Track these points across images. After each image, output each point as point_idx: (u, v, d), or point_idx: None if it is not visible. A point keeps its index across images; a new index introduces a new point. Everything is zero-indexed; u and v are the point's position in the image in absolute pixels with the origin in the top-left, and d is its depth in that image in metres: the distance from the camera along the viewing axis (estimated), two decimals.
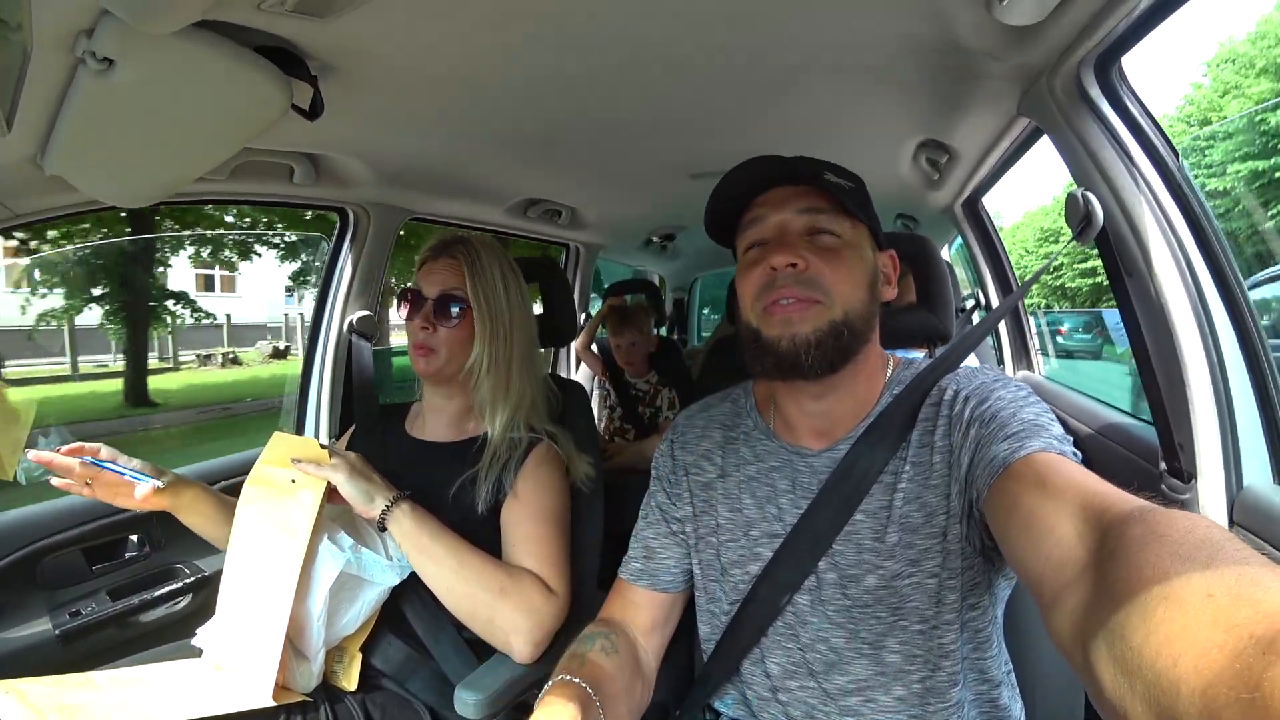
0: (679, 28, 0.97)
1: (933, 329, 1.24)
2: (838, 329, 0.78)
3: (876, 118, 1.47)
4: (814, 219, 0.81)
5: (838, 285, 0.78)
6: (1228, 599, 0.37)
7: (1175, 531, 0.44)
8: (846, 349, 0.79)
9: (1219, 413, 0.94)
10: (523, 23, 0.92)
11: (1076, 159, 1.04)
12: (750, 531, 0.88)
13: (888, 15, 0.96)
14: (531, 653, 1.04)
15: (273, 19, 0.81)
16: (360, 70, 1.02)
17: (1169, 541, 0.43)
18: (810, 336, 0.77)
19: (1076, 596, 0.49)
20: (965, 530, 0.76)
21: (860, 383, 0.85)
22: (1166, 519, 0.47)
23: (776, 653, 0.85)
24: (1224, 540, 0.42)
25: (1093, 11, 0.83)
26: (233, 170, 1.37)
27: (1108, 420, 1.50)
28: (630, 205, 2.37)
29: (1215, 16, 16.19)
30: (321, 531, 1.03)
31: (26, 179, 1.10)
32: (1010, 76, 1.08)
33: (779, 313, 0.78)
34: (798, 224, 0.81)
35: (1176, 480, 0.98)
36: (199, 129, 1.00)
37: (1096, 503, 0.55)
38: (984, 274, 2.36)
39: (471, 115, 1.29)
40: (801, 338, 0.77)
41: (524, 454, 1.17)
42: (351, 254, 1.78)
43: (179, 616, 1.47)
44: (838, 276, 0.78)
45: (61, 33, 0.74)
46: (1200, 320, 0.95)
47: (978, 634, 0.80)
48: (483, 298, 1.17)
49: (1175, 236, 0.96)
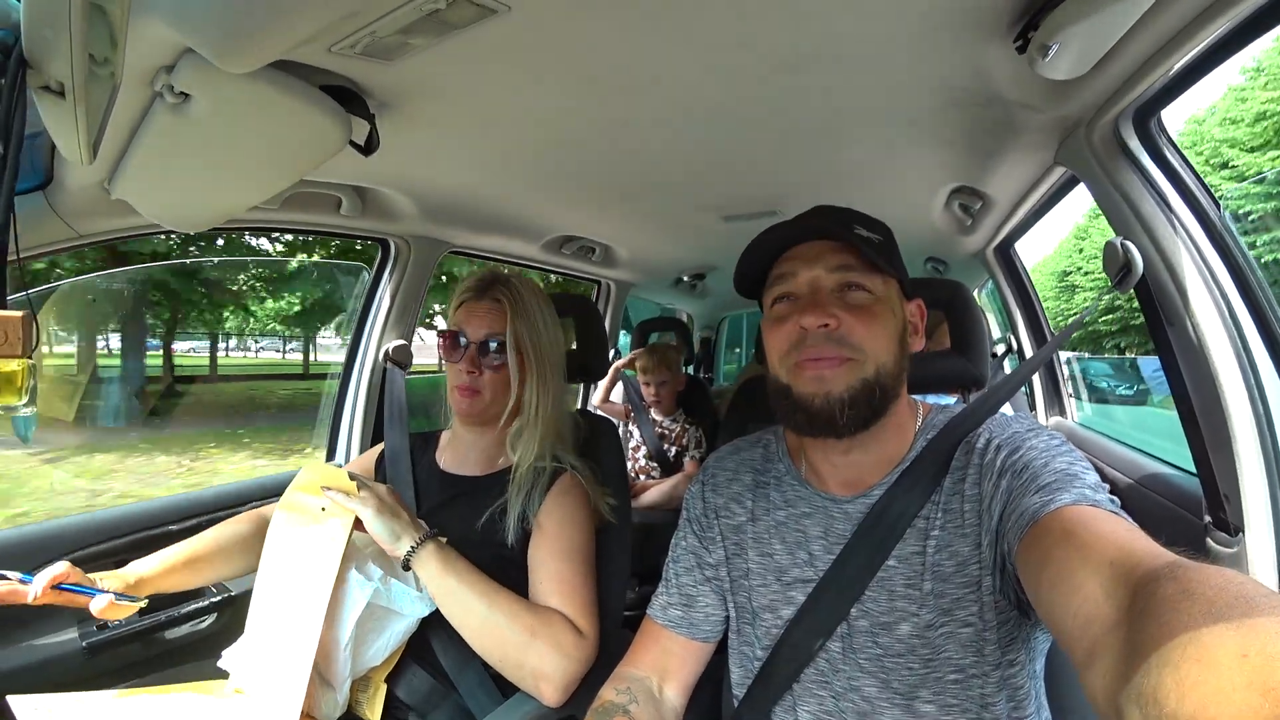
0: (720, 76, 1.00)
1: (967, 375, 1.24)
2: (870, 387, 0.78)
3: (912, 165, 1.49)
4: (846, 275, 0.80)
5: (869, 342, 0.78)
6: (1262, 660, 0.35)
7: (1208, 589, 0.43)
8: (879, 407, 0.79)
9: (1266, 464, 0.92)
10: (568, 68, 0.96)
11: (1115, 208, 1.04)
12: (782, 577, 0.87)
13: (928, 68, 0.98)
14: (560, 698, 1.02)
15: (342, 60, 0.86)
16: (414, 109, 1.06)
17: (1201, 600, 0.42)
18: (845, 396, 0.77)
19: (1108, 656, 0.47)
20: (999, 583, 0.74)
21: (889, 435, 0.84)
22: (1200, 575, 0.45)
23: (809, 700, 0.84)
24: (1259, 596, 0.41)
25: (1134, 67, 0.85)
26: (284, 200, 1.42)
27: (1148, 470, 1.47)
28: (663, 245, 2.40)
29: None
30: (350, 561, 1.03)
31: (93, 203, 1.16)
32: (1049, 127, 1.10)
33: (811, 369, 0.78)
34: (829, 281, 0.81)
35: (1223, 533, 0.96)
36: (260, 160, 1.05)
37: (1127, 558, 0.53)
38: (1016, 319, 2.34)
39: (514, 154, 1.34)
40: (836, 397, 0.77)
41: (548, 483, 1.17)
42: (390, 284, 1.83)
43: (204, 635, 1.47)
44: (870, 333, 0.78)
45: (146, 67, 0.79)
46: (1244, 368, 0.94)
47: (1016, 690, 0.77)
48: (527, 341, 1.19)
49: (1217, 285, 0.96)
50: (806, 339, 0.78)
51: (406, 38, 0.81)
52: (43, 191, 1.13)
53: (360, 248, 6.63)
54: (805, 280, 0.81)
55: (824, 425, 0.78)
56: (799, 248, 0.83)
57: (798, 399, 0.79)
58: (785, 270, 0.83)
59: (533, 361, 1.19)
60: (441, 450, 1.32)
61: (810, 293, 0.81)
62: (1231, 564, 0.95)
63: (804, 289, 0.81)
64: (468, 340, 1.19)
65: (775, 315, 0.84)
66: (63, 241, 1.20)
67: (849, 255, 0.80)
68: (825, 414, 0.77)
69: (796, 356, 0.79)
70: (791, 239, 0.84)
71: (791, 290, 0.82)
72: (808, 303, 0.80)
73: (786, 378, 0.81)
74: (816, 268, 0.81)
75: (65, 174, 1.09)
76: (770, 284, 0.86)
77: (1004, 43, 0.85)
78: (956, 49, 0.91)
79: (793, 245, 0.84)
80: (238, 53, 0.69)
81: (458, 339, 1.20)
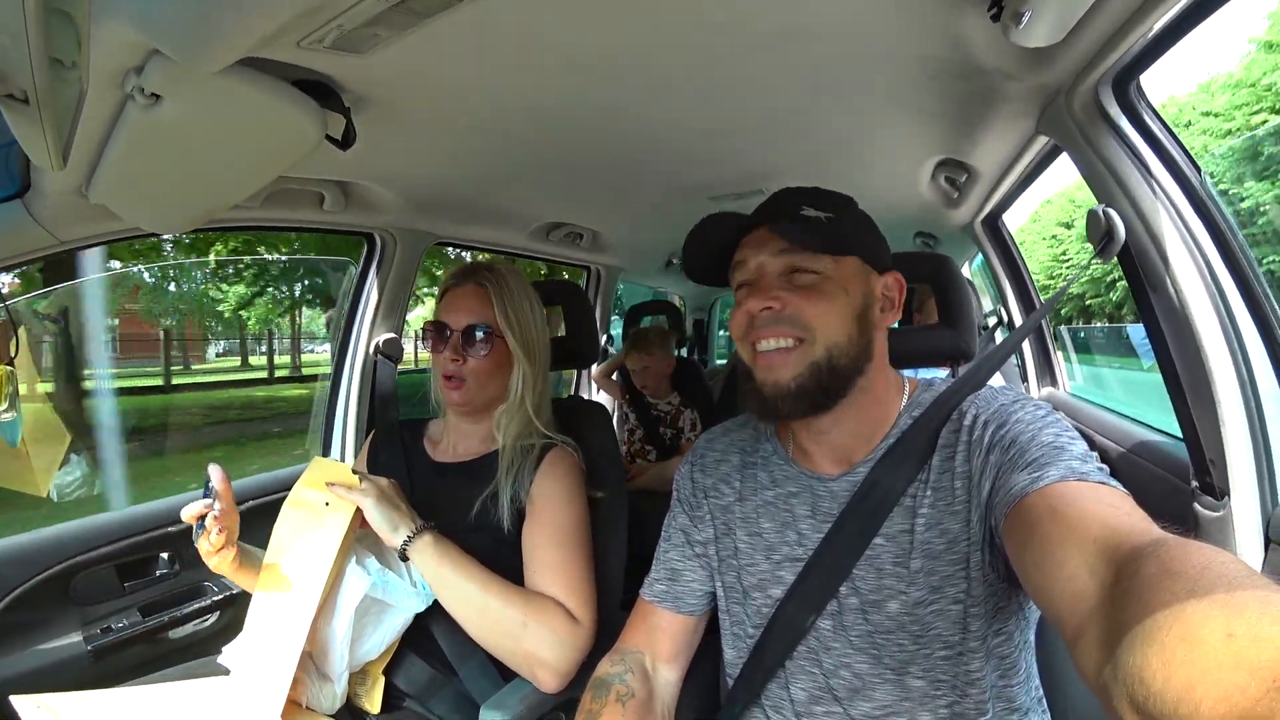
0: (698, 56, 0.99)
1: (955, 348, 1.24)
2: (818, 370, 0.79)
3: (895, 139, 1.48)
4: (790, 259, 0.81)
5: (818, 320, 0.79)
6: (1248, 639, 0.36)
7: (1190, 568, 0.43)
8: (831, 388, 0.80)
9: (1250, 427, 0.93)
10: (547, 56, 0.95)
11: (1097, 176, 1.04)
12: (771, 555, 0.88)
13: (904, 40, 0.97)
14: (558, 684, 1.03)
15: (312, 55, 0.84)
16: (391, 101, 1.05)
17: (1184, 579, 0.42)
18: (790, 384, 0.79)
19: (1093, 635, 0.48)
20: (988, 557, 0.75)
21: (869, 409, 0.85)
22: (1182, 553, 0.45)
23: (801, 677, 0.85)
24: (1242, 575, 0.41)
25: (1109, 33, 0.84)
26: (266, 197, 1.41)
27: (1138, 438, 1.48)
28: (651, 228, 2.39)
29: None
30: (350, 555, 1.04)
31: (72, 208, 1.15)
32: (1029, 96, 1.09)
33: (761, 360, 0.81)
34: (775, 265, 0.82)
35: (1209, 497, 0.97)
36: (237, 159, 1.04)
37: (1111, 535, 0.54)
38: (1006, 291, 2.35)
39: (497, 143, 1.33)
40: (782, 384, 0.79)
41: (538, 459, 1.18)
42: (378, 278, 1.83)
43: (207, 634, 1.49)
44: (818, 311, 0.79)
45: (113, 70, 0.77)
46: (1227, 333, 0.94)
47: (1004, 660, 0.79)
48: (515, 325, 1.19)
49: (1199, 250, 0.96)
50: (755, 322, 0.81)
51: (375, 29, 0.80)
52: (20, 200, 1.12)
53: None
54: (754, 266, 0.84)
55: (771, 410, 0.82)
56: (751, 235, 0.85)
57: (756, 385, 0.82)
58: (739, 258, 0.86)
59: (520, 344, 1.19)
60: (432, 440, 1.33)
61: (758, 277, 0.83)
62: (1218, 528, 0.96)
63: (753, 275, 0.84)
64: (451, 329, 1.19)
65: (736, 301, 0.86)
66: (43, 249, 1.19)
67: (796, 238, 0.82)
68: (771, 400, 0.80)
69: (751, 337, 0.82)
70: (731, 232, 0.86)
71: (746, 278, 0.85)
72: (755, 287, 0.82)
73: (749, 361, 0.84)
74: (762, 253, 0.83)
75: (42, 181, 1.08)
76: (732, 269, 0.88)
77: (978, 11, 0.84)
78: (933, 19, 0.90)
79: (747, 232, 0.86)
80: (203, 52, 0.68)
81: (443, 329, 1.20)
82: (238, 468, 1.36)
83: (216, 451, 8.31)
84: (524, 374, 1.20)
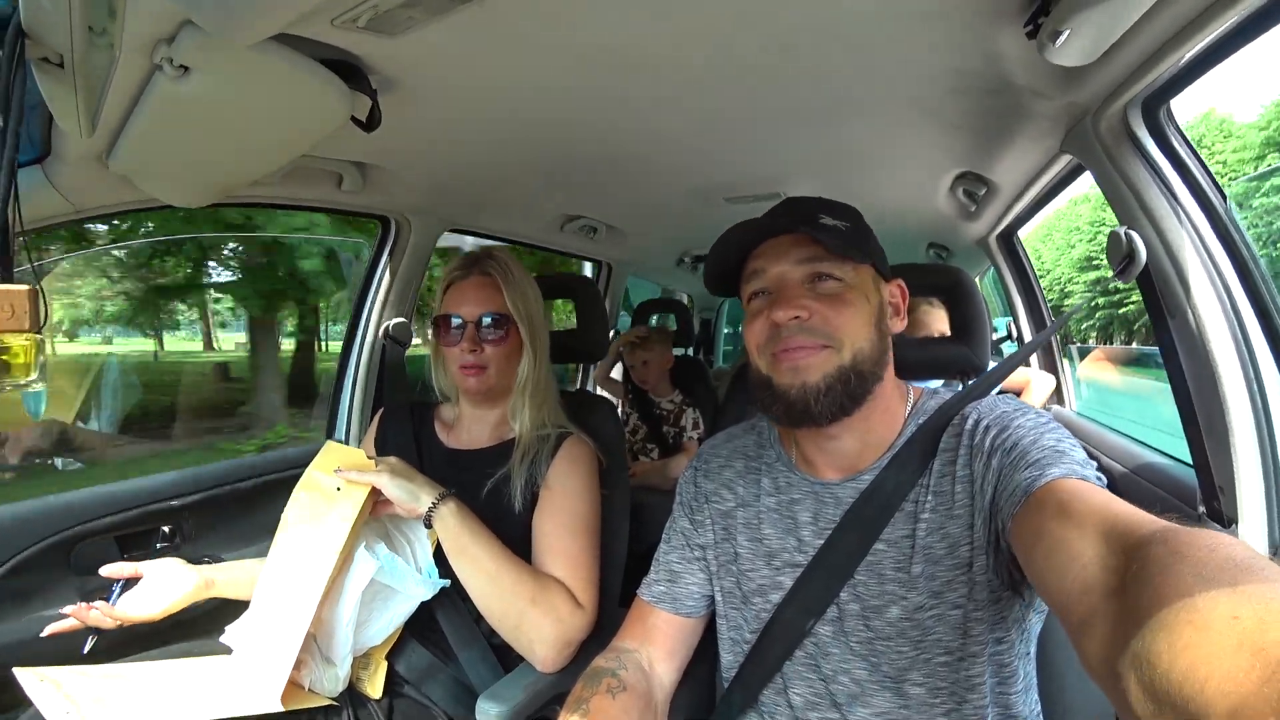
0: (722, 55, 0.99)
1: (967, 362, 1.24)
2: (846, 374, 0.78)
3: (916, 149, 1.47)
4: (813, 266, 0.81)
5: (844, 329, 0.79)
6: (1254, 621, 0.36)
7: (1197, 551, 0.44)
8: (856, 392, 0.79)
9: (1263, 458, 0.92)
10: (573, 48, 0.95)
11: (1120, 197, 1.03)
12: (772, 561, 0.88)
13: (936, 52, 0.97)
14: (555, 661, 1.05)
15: (344, 34, 0.84)
16: (417, 86, 1.05)
17: (1191, 562, 0.43)
18: (820, 384, 0.78)
19: (1103, 622, 0.48)
20: (992, 562, 0.75)
21: (876, 419, 0.85)
22: (1189, 538, 0.46)
23: (798, 683, 0.85)
24: (1248, 559, 0.42)
25: (1144, 56, 0.84)
26: (284, 175, 1.41)
27: (1143, 460, 1.48)
28: (665, 226, 2.39)
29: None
30: (359, 539, 1.04)
31: (92, 176, 1.14)
32: (1056, 114, 1.09)
33: (787, 360, 0.79)
34: (797, 274, 0.81)
35: (1216, 524, 0.97)
36: (261, 135, 1.04)
37: (1119, 526, 0.54)
38: (1017, 306, 2.34)
39: (518, 133, 1.32)
40: (811, 386, 0.78)
41: (555, 447, 1.19)
42: (390, 261, 1.82)
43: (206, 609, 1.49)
44: (843, 320, 0.79)
45: (144, 39, 0.77)
46: (1244, 363, 0.94)
47: (1003, 668, 0.79)
48: (524, 310, 1.20)
49: (1220, 278, 0.96)
50: (781, 332, 0.80)
51: (410, 10, 0.79)
52: (40, 165, 1.12)
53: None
54: (774, 275, 0.83)
55: (800, 415, 0.80)
56: (765, 244, 0.84)
57: (777, 390, 0.81)
58: (756, 267, 0.85)
59: (528, 328, 1.21)
60: (444, 426, 1.33)
61: (780, 287, 0.82)
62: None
63: (773, 284, 0.83)
64: (464, 320, 1.19)
65: (752, 311, 0.85)
66: (59, 215, 1.19)
67: (815, 246, 0.81)
68: (801, 403, 0.79)
69: (773, 348, 0.81)
70: (754, 238, 0.84)
71: (764, 286, 0.84)
72: (778, 297, 0.81)
73: (766, 370, 0.83)
74: (783, 263, 0.82)
75: (63, 147, 1.08)
76: (745, 280, 0.87)
77: (1014, 28, 0.84)
78: (968, 33, 0.90)
79: (760, 243, 0.85)
80: (237, 25, 0.68)
81: (452, 321, 1.20)
82: None
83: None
84: (532, 359, 1.22)
